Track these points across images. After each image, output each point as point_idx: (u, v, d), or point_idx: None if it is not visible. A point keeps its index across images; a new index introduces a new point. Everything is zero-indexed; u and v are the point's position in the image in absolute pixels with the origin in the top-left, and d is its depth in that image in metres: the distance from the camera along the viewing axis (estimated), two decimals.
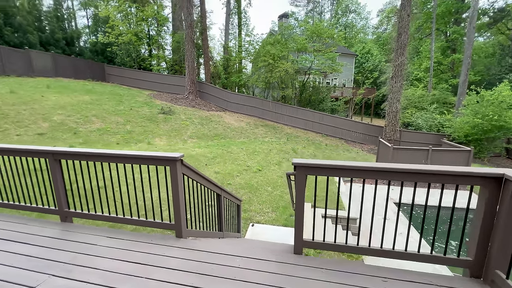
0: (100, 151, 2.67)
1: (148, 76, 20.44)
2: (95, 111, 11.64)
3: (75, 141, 9.08)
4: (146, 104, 14.73)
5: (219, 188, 3.85)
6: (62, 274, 2.11)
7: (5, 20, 14.97)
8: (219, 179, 8.03)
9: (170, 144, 10.86)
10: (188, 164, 2.70)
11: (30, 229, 2.86)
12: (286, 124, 18.42)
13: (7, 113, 9.27)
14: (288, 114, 18.36)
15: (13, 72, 14.27)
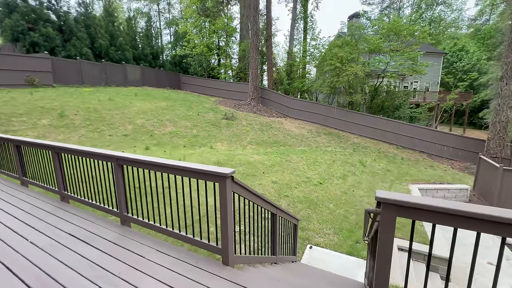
0: (153, 160, 2.57)
1: (215, 84, 21.91)
2: (168, 116, 12.94)
3: (150, 142, 10.17)
4: (212, 110, 15.65)
5: (274, 207, 3.38)
6: (109, 286, 2.02)
7: (111, 41, 18.49)
8: (276, 189, 7.59)
9: (230, 149, 11.08)
10: (239, 181, 2.34)
11: (96, 229, 2.99)
12: (352, 132, 16.71)
13: (104, 117, 11.14)
14: (356, 121, 16.61)
15: (113, 82, 17.38)
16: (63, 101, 11.69)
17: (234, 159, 9.26)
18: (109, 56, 18.40)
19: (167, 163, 2.45)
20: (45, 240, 2.76)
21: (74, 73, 14.93)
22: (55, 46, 14.89)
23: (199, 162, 8.44)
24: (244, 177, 7.97)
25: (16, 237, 2.84)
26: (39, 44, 14.16)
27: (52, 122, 9.83)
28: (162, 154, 8.66)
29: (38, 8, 14.70)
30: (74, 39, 15.71)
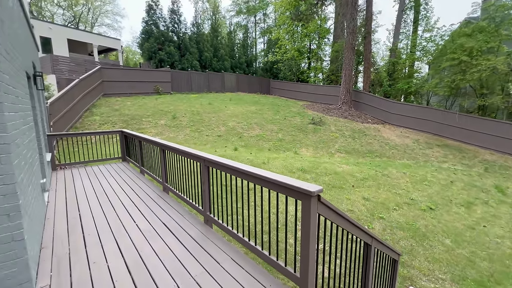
0: (235, 166, 2.44)
1: (303, 88, 21.51)
2: (256, 119, 13.51)
3: (239, 143, 10.83)
4: (299, 114, 15.33)
5: (368, 236, 2.69)
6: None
7: (214, 53, 21.29)
8: (368, 208, 6.45)
9: (315, 156, 10.41)
10: (327, 202, 1.88)
11: (183, 223, 3.18)
12: (483, 146, 12.65)
13: (203, 119, 12.73)
14: (490, 132, 12.49)
15: (213, 89, 19.85)
16: (176, 105, 14.16)
17: (319, 167, 8.59)
18: (212, 66, 21.21)
19: (248, 171, 2.27)
20: (146, 225, 3.13)
21: (185, 82, 17.98)
22: (174, 60, 18.43)
23: (282, 167, 8.26)
24: (329, 189, 7.22)
25: (128, 218, 3.36)
26: (164, 60, 17.89)
27: (167, 122, 12.02)
28: (248, 156, 9.01)
29: (165, 32, 18.63)
30: (188, 54, 19.00)
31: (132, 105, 13.42)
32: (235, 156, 8.71)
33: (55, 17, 32.05)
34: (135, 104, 13.68)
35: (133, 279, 2.15)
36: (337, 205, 6.43)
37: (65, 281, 2.13)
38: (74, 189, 4.50)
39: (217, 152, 9.19)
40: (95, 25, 36.74)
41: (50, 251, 2.57)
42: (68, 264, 2.36)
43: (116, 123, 11.34)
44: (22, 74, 3.02)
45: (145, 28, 18.47)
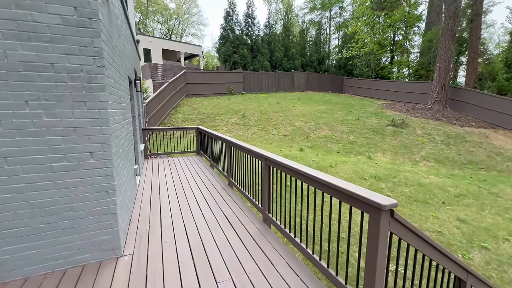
0: (296, 167, 2.31)
1: (383, 85, 19.13)
2: (325, 119, 12.81)
3: (305, 144, 10.51)
4: (375, 115, 13.72)
5: (462, 269, 2.12)
6: (237, 283, 2.04)
7: (285, 53, 21.33)
8: (465, 232, 5.18)
9: (394, 163, 9.09)
10: (403, 219, 1.55)
11: (243, 218, 3.28)
12: None
13: (271, 118, 12.93)
14: None
15: (282, 89, 19.94)
16: (246, 104, 14.88)
17: (398, 175, 7.45)
18: (282, 66, 21.32)
19: (308, 173, 2.11)
20: (210, 216, 3.36)
21: (255, 82, 18.70)
22: (247, 62, 19.42)
23: (352, 172, 7.54)
24: (409, 203, 6.16)
25: (196, 206, 3.69)
26: (237, 63, 19.09)
27: (237, 121, 12.76)
28: (314, 157, 8.63)
29: (240, 36, 19.83)
30: (259, 55, 19.69)
31: (208, 105, 14.86)
32: (300, 157, 8.49)
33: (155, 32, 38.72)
34: (211, 103, 15.09)
35: (194, 263, 2.32)
36: (420, 222, 5.41)
37: (143, 254, 2.48)
38: (158, 176, 5.27)
39: (282, 152, 9.16)
40: (183, 35, 42.50)
41: (136, 226, 3.06)
42: (147, 240, 2.74)
43: (195, 120, 12.77)
44: (125, 79, 3.70)
45: (222, 34, 20.17)
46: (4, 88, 1.90)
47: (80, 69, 2.09)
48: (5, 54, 1.88)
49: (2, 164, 1.95)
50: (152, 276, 2.16)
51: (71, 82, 2.07)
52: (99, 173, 2.25)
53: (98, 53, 2.13)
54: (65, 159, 2.12)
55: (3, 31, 1.86)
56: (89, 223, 2.27)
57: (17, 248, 2.07)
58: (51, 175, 2.09)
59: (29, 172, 2.04)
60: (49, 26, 1.97)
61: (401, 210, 5.83)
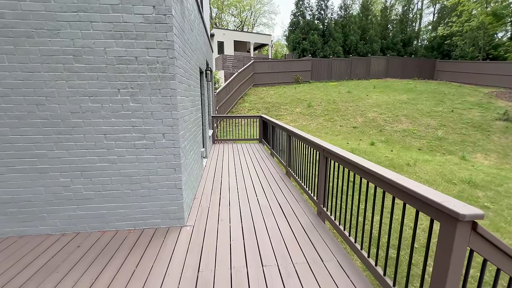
0: (356, 161, 2.09)
1: (493, 68, 15.01)
2: (407, 110, 11.06)
3: (378, 138, 9.40)
4: (479, 106, 10.99)
5: None
6: (282, 271, 2.05)
7: (361, 36, 19.13)
8: None
9: (500, 168, 7.17)
10: (491, 236, 1.20)
11: (297, 209, 3.23)
12: None
13: (339, 108, 12.04)
14: None
15: (355, 76, 18.16)
16: (312, 93, 14.27)
17: (504, 183, 5.87)
18: (357, 50, 19.27)
19: (367, 167, 1.88)
20: (264, 202, 3.45)
21: (325, 70, 17.61)
22: (317, 49, 18.38)
23: (437, 174, 6.35)
24: None
25: (252, 191, 3.84)
26: (307, 50, 18.30)
27: (302, 111, 12.43)
28: (387, 153, 7.64)
29: (311, 21, 18.84)
30: (331, 40, 18.30)
31: (274, 94, 14.96)
32: (370, 152, 7.68)
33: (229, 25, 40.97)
34: (277, 93, 15.14)
35: (244, 244, 2.44)
36: None
37: (202, 227, 2.76)
38: (222, 160, 5.71)
39: (349, 145, 8.48)
40: (254, 25, 43.49)
41: (199, 202, 3.42)
42: (206, 216, 3.04)
43: (260, 109, 13.11)
44: (195, 69, 4.07)
45: (292, 20, 19.60)
46: (104, 79, 2.37)
47: (156, 61, 2.40)
48: (105, 51, 2.33)
49: (102, 139, 2.48)
50: (207, 247, 2.39)
51: (149, 73, 2.41)
52: (169, 152, 2.59)
53: (170, 45, 2.39)
54: (144, 138, 2.52)
55: (105, 32, 2.30)
56: (161, 193, 2.67)
57: (112, 206, 2.63)
58: (134, 151, 2.54)
59: (120, 147, 2.52)
60: (135, 25, 2.32)
61: (504, 227, 4.60)
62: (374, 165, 1.91)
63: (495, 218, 4.86)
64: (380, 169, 1.80)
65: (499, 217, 4.87)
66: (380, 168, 1.81)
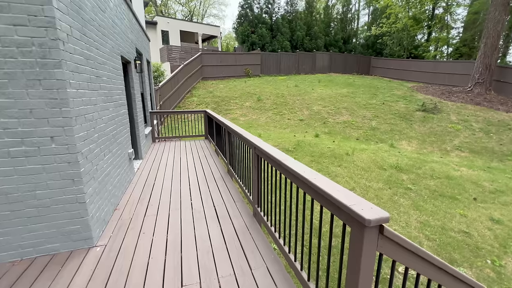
0: (281, 160, 1.93)
1: (415, 65, 17.27)
2: (346, 103, 11.90)
3: (322, 130, 9.88)
4: (403, 99, 12.47)
5: None
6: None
7: (307, 31, 19.93)
8: (498, 235, 4.49)
9: (420, 152, 8.22)
10: (396, 236, 1.13)
11: (232, 210, 3.00)
12: None
13: (287, 102, 12.31)
14: None
15: (302, 70, 18.89)
16: (262, 87, 14.31)
17: (423, 166, 6.70)
18: (303, 46, 20.03)
19: (289, 166, 1.72)
20: (198, 205, 3.14)
21: (274, 64, 17.87)
22: (265, 43, 18.49)
23: (371, 161, 6.92)
24: (433, 197, 5.49)
25: (187, 194, 3.48)
26: (256, 43, 18.25)
27: (252, 105, 12.34)
28: (330, 144, 8.05)
29: (259, 15, 18.80)
30: (279, 35, 18.61)
31: (223, 88, 14.53)
32: (314, 144, 7.97)
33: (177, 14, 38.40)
34: (226, 86, 14.74)
35: (165, 261, 2.11)
36: (443, 220, 4.79)
37: (116, 246, 2.33)
38: (160, 160, 5.16)
39: (296, 138, 8.68)
40: (204, 16, 41.73)
41: (120, 214, 2.93)
42: (126, 229, 2.59)
43: (209, 104, 12.58)
44: (114, 58, 3.46)
45: (240, 12, 19.26)
46: None
47: (31, 42, 1.84)
48: None
49: None
50: (117, 271, 1.99)
51: (22, 58, 1.84)
52: (61, 159, 2.06)
53: (51, 23, 1.85)
54: (23, 143, 1.95)
55: None
56: (56, 211, 2.14)
57: None
58: (9, 161, 1.94)
59: None
60: None
61: (423, 205, 5.22)
62: (294, 162, 1.77)
63: (415, 198, 5.49)
64: (299, 166, 1.67)
65: (418, 197, 5.51)
66: (298, 166, 1.68)
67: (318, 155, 7.20)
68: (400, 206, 5.20)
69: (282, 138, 8.55)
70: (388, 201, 5.34)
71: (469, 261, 3.95)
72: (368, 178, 6.16)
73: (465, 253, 4.11)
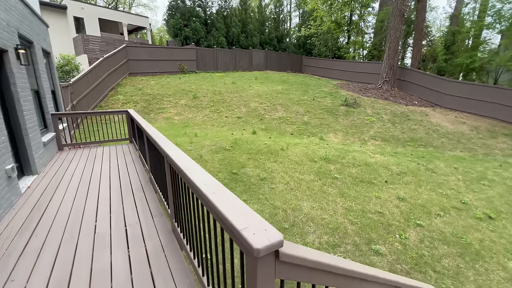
0: (180, 166, 1.65)
1: (339, 65, 19.30)
2: (281, 100, 12.38)
3: (259, 126, 9.99)
4: (330, 95, 13.72)
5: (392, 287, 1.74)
6: None
7: (242, 28, 19.97)
8: (403, 211, 5.26)
9: (344, 143, 9.12)
10: (294, 258, 0.99)
11: (148, 229, 2.58)
12: None
13: (225, 99, 12.05)
14: None
15: (240, 67, 18.89)
16: (198, 84, 13.66)
17: (347, 156, 7.41)
18: (239, 43, 20.03)
19: (192, 180, 1.46)
20: (105, 228, 2.59)
21: (210, 60, 17.31)
22: (200, 37, 17.71)
23: (303, 154, 7.28)
24: (355, 183, 6.11)
25: (93, 214, 2.85)
26: (189, 37, 17.29)
27: (187, 102, 11.62)
28: (266, 140, 8.17)
29: (191, 7, 17.84)
30: (214, 30, 18.08)
31: (155, 84, 13.28)
32: (251, 141, 7.95)
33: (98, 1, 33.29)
34: (159, 83, 13.52)
35: None
36: (363, 204, 5.36)
37: None
38: (64, 173, 4.22)
39: (233, 136, 8.52)
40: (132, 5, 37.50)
41: None
42: None
43: (138, 102, 11.29)
44: None
45: (171, 4, 17.90)
46: None
47: None
48: None
49: None
50: None
51: None
52: None
53: None
54: None
55: None
56: None
57: None
58: None
59: None
60: None
61: (347, 192, 5.74)
62: (197, 171, 1.52)
63: (341, 186, 6.00)
64: (200, 177, 1.42)
65: (343, 185, 6.05)
66: (200, 176, 1.43)
67: (255, 152, 7.19)
68: (328, 195, 5.59)
69: (219, 137, 8.27)
70: (319, 191, 5.67)
71: (383, 238, 4.48)
72: (301, 171, 6.46)
73: (380, 231, 4.64)
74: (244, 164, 6.46)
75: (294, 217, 4.74)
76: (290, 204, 5.10)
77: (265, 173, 6.19)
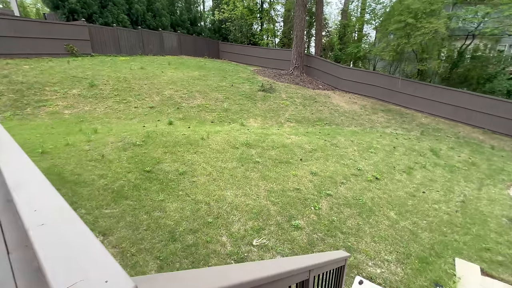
0: None
1: (254, 51, 19.80)
2: (199, 86, 11.76)
3: (176, 116, 9.20)
4: (248, 81, 13.94)
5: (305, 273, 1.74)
6: None
7: (148, 6, 17.60)
8: (316, 184, 5.89)
9: (264, 127, 9.49)
10: None
11: None
12: (420, 110, 13.37)
13: (132, 87, 10.49)
14: (426, 96, 13.14)
15: (150, 51, 16.81)
16: (96, 70, 11.36)
17: (266, 139, 7.70)
18: (146, 23, 17.66)
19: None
20: None
21: (111, 42, 14.62)
22: (93, 12, 14.57)
23: (225, 142, 7.12)
24: (275, 165, 6.42)
25: None
26: (77, 11, 13.97)
27: (81, 92, 9.50)
28: (185, 131, 7.58)
29: None
30: (111, 5, 15.20)
31: (30, 70, 10.24)
32: (167, 133, 7.21)
33: None
34: (36, 68, 10.50)
35: None
36: (283, 183, 5.70)
37: None
38: None
39: (146, 128, 7.52)
40: None
41: None
42: None
43: (4, 94, 8.47)
44: None
45: None
46: None
47: None
48: None
49: None
50: None
51: None
52: None
53: None
54: None
55: None
56: None
57: None
58: None
59: None
60: None
61: (268, 175, 5.96)
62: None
63: (262, 169, 6.19)
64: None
65: (264, 168, 6.26)
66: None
67: (172, 144, 6.56)
68: (251, 180, 5.65)
69: (127, 131, 7.13)
70: (242, 178, 5.66)
71: (301, 213, 4.87)
72: (224, 160, 6.30)
73: (298, 206, 5.02)
74: (160, 160, 5.79)
75: (218, 208, 4.57)
76: (214, 195, 4.90)
77: (184, 167, 5.73)
